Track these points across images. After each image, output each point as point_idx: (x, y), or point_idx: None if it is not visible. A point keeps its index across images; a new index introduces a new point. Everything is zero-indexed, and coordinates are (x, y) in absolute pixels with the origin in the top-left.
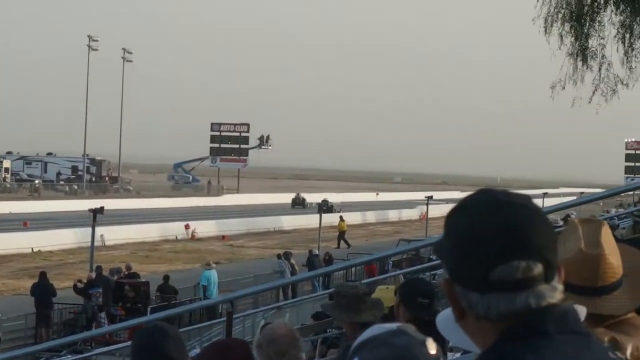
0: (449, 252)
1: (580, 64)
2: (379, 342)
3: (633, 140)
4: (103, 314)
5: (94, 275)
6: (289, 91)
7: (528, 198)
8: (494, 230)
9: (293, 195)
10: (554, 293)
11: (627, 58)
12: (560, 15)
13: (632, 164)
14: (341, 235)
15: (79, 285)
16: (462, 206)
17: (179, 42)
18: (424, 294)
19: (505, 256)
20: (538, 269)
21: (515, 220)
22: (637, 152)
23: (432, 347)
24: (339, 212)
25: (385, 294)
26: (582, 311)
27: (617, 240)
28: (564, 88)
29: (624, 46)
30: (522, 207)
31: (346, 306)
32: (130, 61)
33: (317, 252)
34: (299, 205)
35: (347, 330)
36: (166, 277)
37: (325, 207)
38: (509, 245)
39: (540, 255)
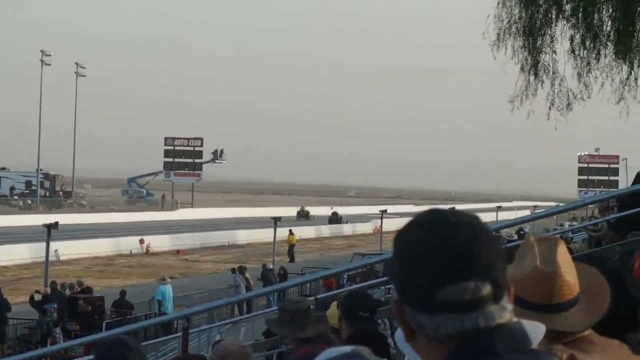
0: (397, 273)
1: (532, 78)
2: None
3: (586, 154)
4: (58, 329)
5: (49, 290)
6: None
7: (476, 217)
8: (442, 250)
9: (249, 209)
10: (503, 313)
11: (580, 73)
12: (513, 30)
13: (585, 177)
14: (290, 248)
15: (37, 296)
16: (410, 226)
17: (132, 56)
18: (364, 308)
19: (453, 277)
20: (486, 289)
21: (463, 240)
22: (590, 165)
23: None
24: (347, 223)
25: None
26: (540, 328)
27: (573, 256)
28: (522, 103)
29: (576, 61)
30: (469, 226)
31: (290, 321)
32: (84, 76)
33: (271, 267)
34: (303, 217)
35: (292, 346)
36: (123, 292)
37: (335, 219)
38: (457, 265)
39: (489, 275)
